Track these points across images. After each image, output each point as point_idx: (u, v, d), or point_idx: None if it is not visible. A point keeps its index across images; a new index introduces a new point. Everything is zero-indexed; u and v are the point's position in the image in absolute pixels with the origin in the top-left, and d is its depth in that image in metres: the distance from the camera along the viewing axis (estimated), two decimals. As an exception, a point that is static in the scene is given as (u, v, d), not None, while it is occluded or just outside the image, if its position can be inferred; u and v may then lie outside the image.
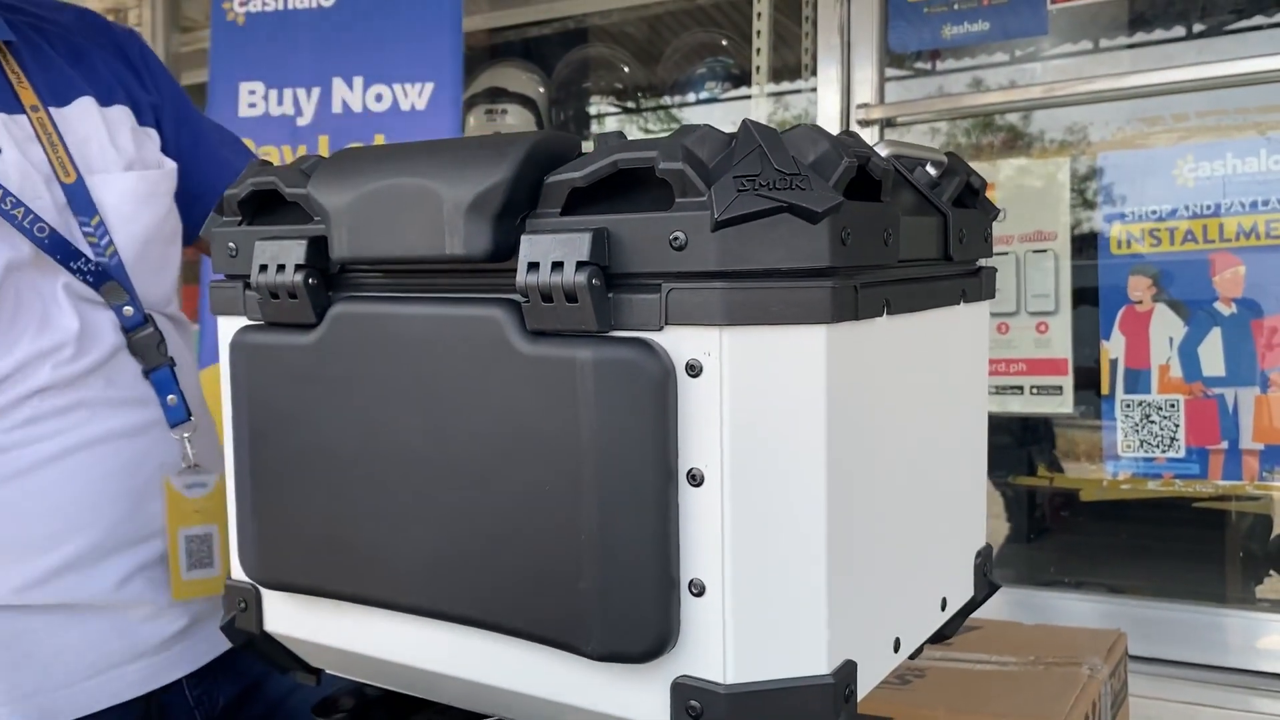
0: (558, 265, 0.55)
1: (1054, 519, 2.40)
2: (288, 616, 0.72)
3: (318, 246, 0.65)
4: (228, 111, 2.49)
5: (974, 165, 0.77)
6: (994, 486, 2.32)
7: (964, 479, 0.76)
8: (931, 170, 0.71)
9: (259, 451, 0.69)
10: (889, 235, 0.60)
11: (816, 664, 0.56)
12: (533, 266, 0.56)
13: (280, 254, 0.66)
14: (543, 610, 0.58)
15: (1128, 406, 2.02)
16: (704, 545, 0.55)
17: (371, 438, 0.64)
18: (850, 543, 0.58)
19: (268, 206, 0.70)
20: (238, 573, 0.73)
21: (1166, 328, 2.00)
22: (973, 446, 0.77)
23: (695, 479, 0.55)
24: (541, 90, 2.98)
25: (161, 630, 0.97)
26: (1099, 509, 2.18)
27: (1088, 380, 2.07)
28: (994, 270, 0.78)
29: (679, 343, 0.55)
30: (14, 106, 0.96)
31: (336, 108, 2.47)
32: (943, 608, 0.72)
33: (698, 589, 0.56)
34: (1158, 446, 1.99)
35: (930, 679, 1.15)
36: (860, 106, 2.33)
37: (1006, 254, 2.13)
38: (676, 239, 0.54)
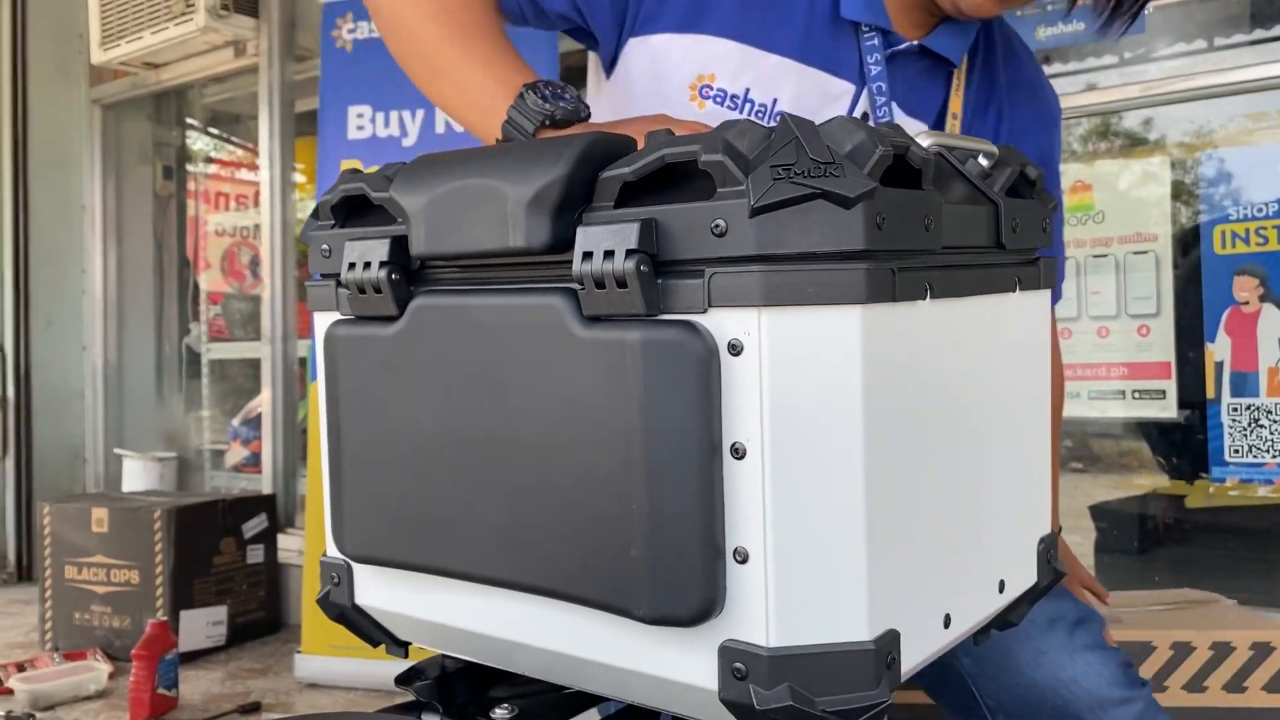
0: (609, 254, 0.60)
1: (1159, 527, 2.34)
2: (376, 590, 0.78)
3: (399, 245, 0.70)
4: (338, 135, 2.61)
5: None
6: (1096, 492, 2.27)
7: (1025, 465, 0.77)
8: (983, 161, 0.73)
9: (348, 435, 0.75)
10: (930, 221, 0.62)
11: (858, 630, 0.59)
12: (587, 256, 0.60)
13: (366, 252, 0.72)
14: (599, 577, 0.62)
15: (1234, 410, 1.96)
16: (747, 515, 0.59)
17: (448, 420, 0.69)
18: (892, 515, 0.60)
19: (357, 211, 0.76)
20: (331, 550, 0.79)
21: (1275, 328, 1.94)
22: (1035, 433, 0.79)
23: (738, 452, 0.58)
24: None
25: None
26: (1204, 516, 2.11)
27: (1192, 384, 2.02)
28: (1054, 260, 0.79)
29: (721, 324, 0.58)
30: None
31: (440, 128, 2.57)
32: (1001, 590, 0.74)
33: (742, 557, 0.59)
34: (1267, 452, 1.92)
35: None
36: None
37: (1105, 256, 2.09)
38: (718, 226, 0.58)
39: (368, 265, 0.71)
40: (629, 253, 0.59)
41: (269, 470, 3.60)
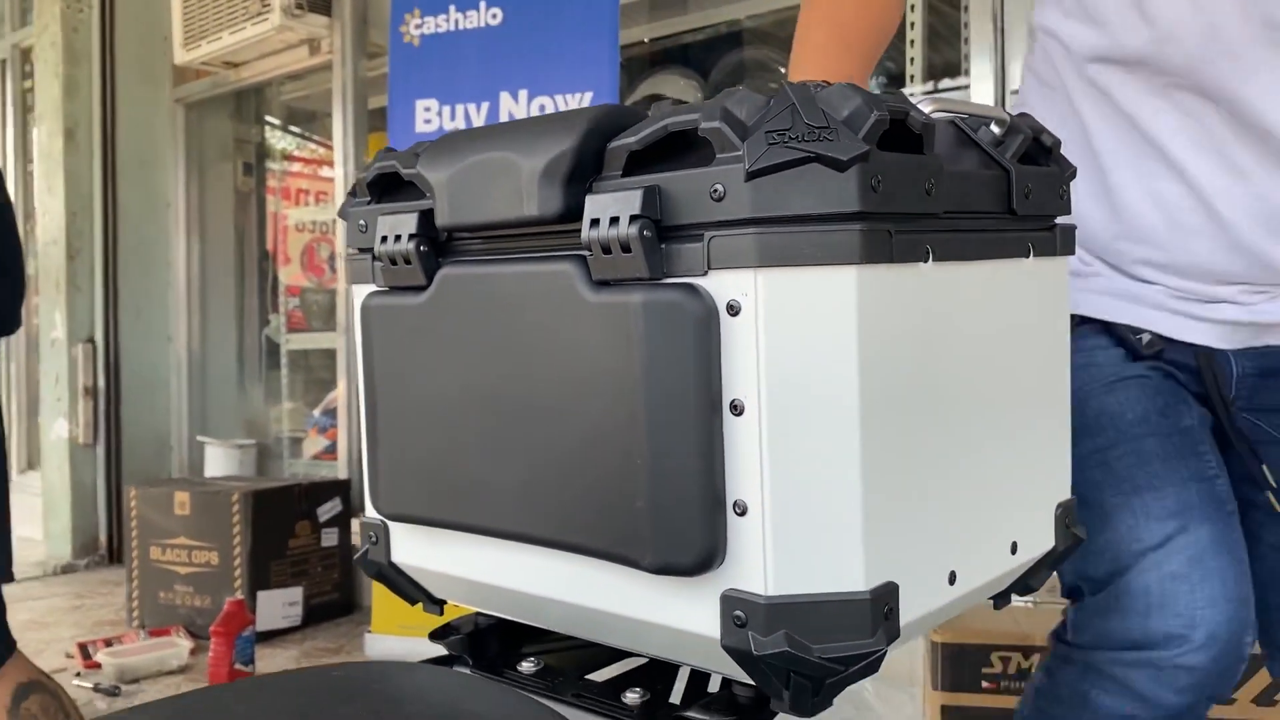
0: (615, 220, 0.62)
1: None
2: (411, 549, 0.82)
3: (427, 218, 0.74)
4: (406, 128, 2.68)
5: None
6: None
7: (1041, 430, 0.78)
8: (995, 129, 0.74)
9: (383, 401, 0.79)
10: (931, 186, 0.64)
11: (854, 581, 0.61)
12: (594, 222, 0.63)
13: (397, 226, 0.75)
14: (609, 530, 0.65)
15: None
16: (746, 469, 0.61)
17: (472, 383, 0.72)
18: (890, 472, 0.62)
19: (391, 188, 0.80)
20: (369, 510, 0.83)
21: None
22: (1053, 399, 0.79)
23: (737, 409, 0.61)
24: (699, 95, 3.06)
25: None
26: None
27: None
28: (1072, 227, 0.79)
29: (721, 285, 0.61)
30: None
31: (504, 118, 2.63)
32: (1014, 551, 0.75)
33: (741, 509, 0.61)
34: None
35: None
36: (1014, 93, 2.30)
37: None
38: (716, 190, 0.60)
39: (398, 238, 0.75)
40: (632, 218, 0.61)
41: (344, 456, 3.70)
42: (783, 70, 3.12)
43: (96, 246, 4.31)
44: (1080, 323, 1.13)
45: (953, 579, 0.68)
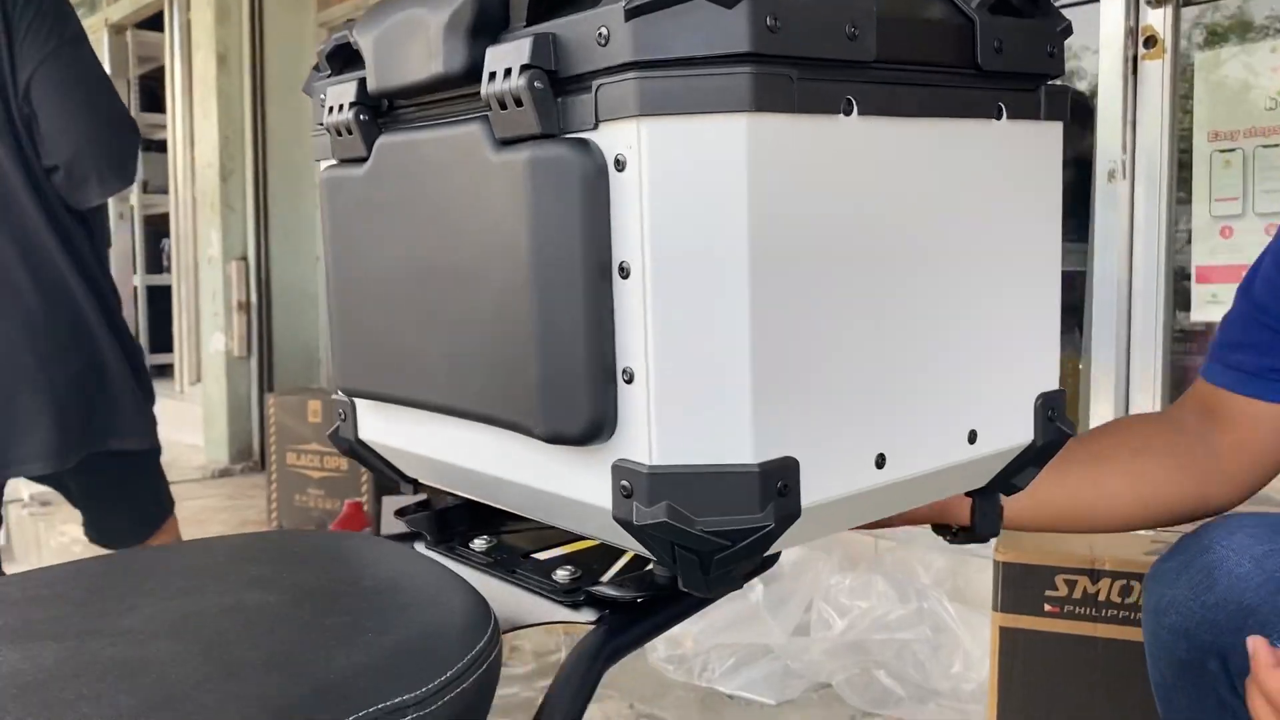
0: (508, 73, 0.59)
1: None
2: (374, 425, 0.82)
3: (364, 86, 0.73)
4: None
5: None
6: None
7: (1018, 311, 0.71)
8: (964, -28, 0.67)
9: (339, 276, 0.79)
10: (855, 30, 0.58)
11: (742, 453, 0.57)
12: (492, 76, 0.60)
13: (339, 95, 0.74)
14: (509, 399, 0.63)
15: None
16: (633, 335, 0.58)
17: (404, 255, 0.71)
18: (791, 341, 0.58)
19: (351, 58, 0.79)
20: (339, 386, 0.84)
21: None
22: (1037, 281, 0.72)
23: (624, 272, 0.57)
24: None
25: None
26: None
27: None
28: (1065, 90, 0.71)
29: (611, 138, 0.57)
30: None
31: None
32: (971, 440, 0.69)
33: (629, 376, 0.58)
34: None
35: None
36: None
37: (1234, 150, 1.87)
38: (601, 34, 0.56)
39: (340, 108, 0.74)
40: (522, 69, 0.58)
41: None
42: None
43: (248, 168, 4.51)
44: None
45: (881, 462, 0.64)
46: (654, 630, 0.70)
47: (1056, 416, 0.74)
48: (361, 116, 0.73)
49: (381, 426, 0.81)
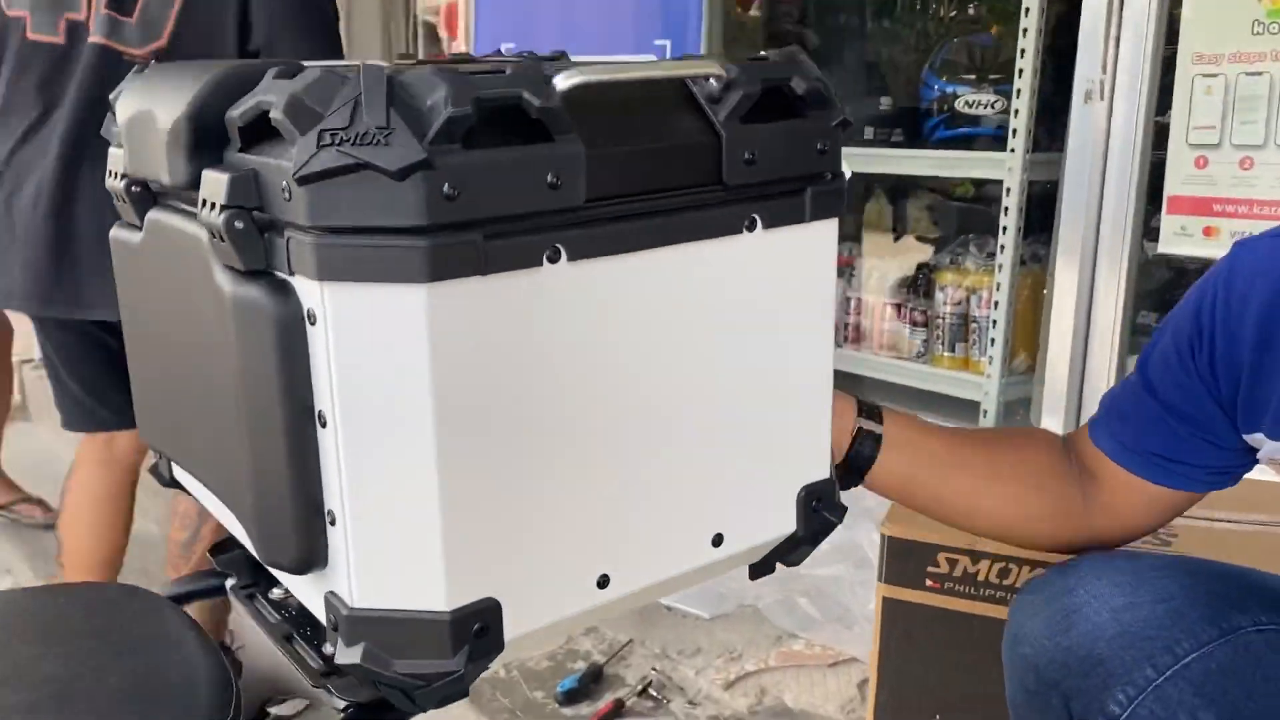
0: (215, 205, 0.58)
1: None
2: (179, 470, 0.84)
3: (131, 158, 0.71)
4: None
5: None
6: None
7: (778, 415, 0.70)
8: (713, 83, 0.63)
9: (130, 331, 0.79)
10: (557, 179, 0.56)
11: (435, 600, 0.58)
12: (204, 203, 0.59)
13: (114, 162, 0.73)
14: (241, 511, 0.65)
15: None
16: (332, 479, 0.58)
17: (167, 334, 0.72)
18: (486, 487, 0.58)
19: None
20: (145, 433, 0.85)
21: None
22: (804, 377, 0.72)
23: (322, 420, 0.58)
24: None
25: None
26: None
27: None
28: (841, 181, 0.69)
29: (305, 290, 0.56)
30: None
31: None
32: (717, 544, 0.70)
33: (331, 519, 0.59)
34: None
35: (1183, 539, 1.28)
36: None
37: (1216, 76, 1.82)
38: (285, 190, 0.55)
39: (115, 174, 0.73)
40: (222, 207, 0.57)
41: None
42: None
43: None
44: None
45: (605, 582, 0.65)
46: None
47: (823, 506, 0.74)
48: (133, 188, 0.72)
49: (178, 471, 0.83)
